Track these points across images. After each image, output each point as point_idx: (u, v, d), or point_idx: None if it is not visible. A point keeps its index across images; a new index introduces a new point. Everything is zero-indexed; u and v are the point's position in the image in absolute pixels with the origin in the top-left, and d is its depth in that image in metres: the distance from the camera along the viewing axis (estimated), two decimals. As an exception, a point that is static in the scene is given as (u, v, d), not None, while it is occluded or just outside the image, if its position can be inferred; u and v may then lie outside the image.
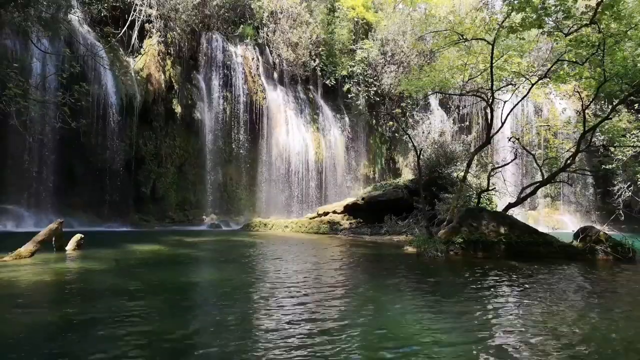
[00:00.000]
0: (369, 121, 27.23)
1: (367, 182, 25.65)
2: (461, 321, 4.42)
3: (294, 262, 8.84)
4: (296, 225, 17.63)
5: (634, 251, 9.59)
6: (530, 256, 9.37)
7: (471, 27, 12.92)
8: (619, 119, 17.42)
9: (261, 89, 23.16)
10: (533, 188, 13.40)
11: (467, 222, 10.48)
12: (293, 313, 4.61)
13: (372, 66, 26.25)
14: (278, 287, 6.10)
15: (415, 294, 5.95)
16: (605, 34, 10.15)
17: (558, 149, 19.93)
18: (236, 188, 22.59)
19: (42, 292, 5.62)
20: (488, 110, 13.16)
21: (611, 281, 7.42)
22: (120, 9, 19.29)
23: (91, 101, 16.74)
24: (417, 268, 8.43)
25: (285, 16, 24.13)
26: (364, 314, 4.71)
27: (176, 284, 6.32)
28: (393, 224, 15.61)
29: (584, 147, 12.81)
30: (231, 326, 4.12)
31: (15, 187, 15.96)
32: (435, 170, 16.64)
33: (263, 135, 23.02)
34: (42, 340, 3.74)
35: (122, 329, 3.96)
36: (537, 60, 19.30)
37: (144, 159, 19.50)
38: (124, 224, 17.83)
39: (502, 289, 6.29)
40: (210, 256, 10.28)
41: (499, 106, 14.41)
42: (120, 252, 9.46)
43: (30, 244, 7.98)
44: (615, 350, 3.73)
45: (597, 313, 4.94)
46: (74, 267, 7.47)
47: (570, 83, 15.73)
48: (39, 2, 13.27)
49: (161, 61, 20.24)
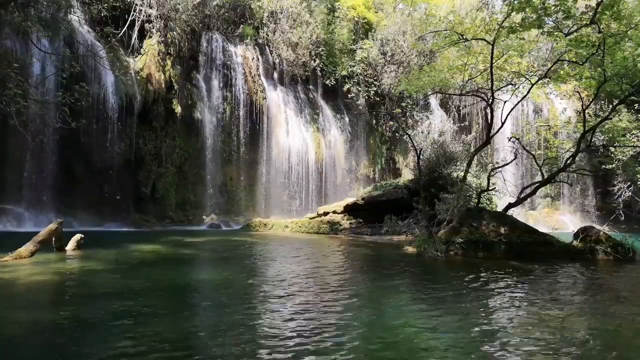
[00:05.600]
0: (369, 121, 27.21)
1: (367, 182, 25.61)
2: (462, 322, 4.42)
3: (294, 263, 8.83)
4: (296, 225, 17.62)
5: (634, 251, 9.60)
6: (531, 256, 9.36)
7: (471, 27, 12.91)
8: (619, 119, 17.43)
9: (261, 89, 23.14)
10: (533, 188, 13.39)
11: (467, 222, 10.48)
12: (293, 313, 4.61)
13: (372, 66, 26.22)
14: (278, 287, 6.10)
15: (416, 294, 5.95)
16: (605, 34, 10.15)
17: (558, 149, 19.94)
18: (236, 188, 22.58)
19: (42, 292, 5.62)
20: (488, 110, 13.16)
21: (612, 281, 7.42)
22: (120, 9, 19.27)
23: (91, 101, 16.70)
24: (417, 268, 8.43)
25: (285, 16, 24.12)
26: (364, 314, 4.71)
27: (176, 284, 6.32)
28: (393, 224, 15.59)
29: (584, 147, 12.80)
30: (232, 326, 4.12)
31: (16, 187, 15.95)
32: (435, 170, 16.60)
33: (263, 135, 22.99)
34: (42, 340, 3.74)
35: (123, 329, 3.96)
36: (537, 60, 19.27)
37: (144, 159, 19.49)
38: (124, 224, 17.80)
39: (503, 289, 6.29)
40: (210, 256, 10.28)
41: (499, 106, 14.39)
42: (120, 252, 9.46)
43: (30, 244, 7.98)
44: (616, 350, 3.73)
45: (598, 313, 4.94)
46: (74, 267, 7.48)
47: (570, 83, 15.74)
48: (39, 2, 13.26)
49: (161, 61, 20.23)
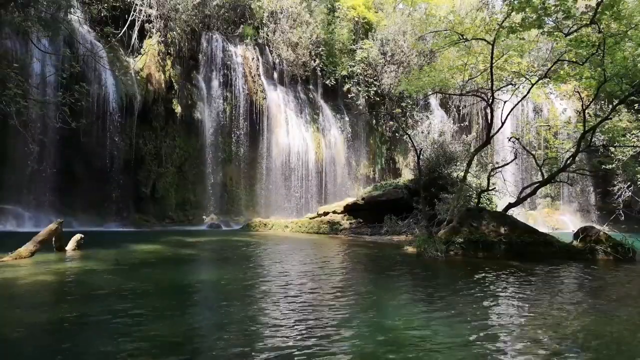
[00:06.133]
0: (369, 121, 27.22)
1: (367, 182, 25.62)
2: (462, 322, 4.42)
3: (294, 263, 8.83)
4: (296, 225, 17.62)
5: (634, 251, 9.60)
6: (531, 256, 9.36)
7: (471, 27, 12.90)
8: (619, 119, 17.42)
9: (261, 89, 23.14)
10: (533, 188, 13.40)
11: (467, 222, 10.48)
12: (293, 313, 4.61)
13: (372, 66, 26.23)
14: (278, 287, 6.10)
15: (416, 294, 5.95)
16: (605, 34, 10.15)
17: (558, 149, 19.94)
18: (236, 188, 22.58)
19: (42, 292, 5.62)
20: (488, 110, 13.16)
21: (612, 281, 7.42)
22: (120, 9, 19.27)
23: (91, 101, 16.73)
24: (417, 268, 8.43)
25: (285, 16, 24.12)
26: (364, 314, 4.71)
27: (176, 284, 6.32)
28: (393, 224, 15.59)
29: (584, 147, 12.80)
30: (232, 326, 4.12)
31: (16, 187, 15.95)
32: (435, 170, 16.60)
33: (263, 135, 22.99)
34: (42, 340, 3.74)
35: (123, 329, 3.96)
36: (537, 60, 19.27)
37: (144, 159, 19.49)
38: (124, 224, 17.80)
39: (503, 289, 6.29)
40: (210, 256, 10.28)
41: (499, 106, 14.40)
42: (121, 252, 9.45)
43: (30, 244, 7.98)
44: (616, 350, 3.73)
45: (598, 313, 4.94)
46: (74, 267, 7.47)
47: (570, 83, 15.74)
48: (39, 2, 13.25)
49: (161, 61, 20.24)
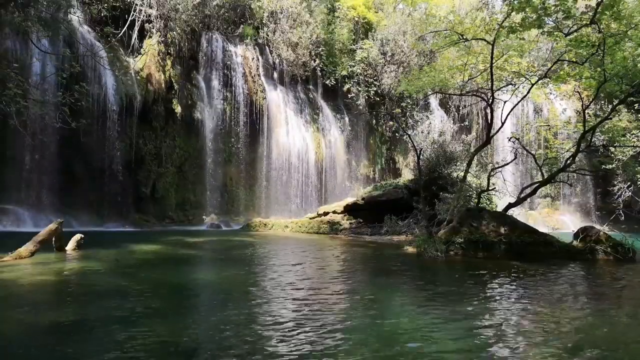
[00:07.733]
0: (369, 121, 27.21)
1: (367, 182, 25.61)
2: (462, 322, 4.42)
3: (294, 263, 8.83)
4: (296, 225, 17.62)
5: (634, 251, 9.60)
6: (531, 256, 9.36)
7: (471, 27, 12.90)
8: (619, 119, 17.43)
9: (261, 89, 23.14)
10: (533, 188, 13.39)
11: (467, 222, 10.47)
12: (293, 313, 4.61)
13: (372, 66, 26.22)
14: (279, 287, 6.10)
15: (416, 294, 5.95)
16: (605, 34, 10.15)
17: (558, 149, 19.94)
18: (236, 188, 22.58)
19: (42, 292, 5.62)
20: (488, 110, 13.15)
21: (612, 281, 7.42)
22: (120, 9, 19.27)
23: (91, 101, 16.72)
24: (417, 268, 8.43)
25: (285, 16, 24.12)
26: (364, 314, 4.71)
27: (176, 284, 6.32)
28: (393, 224, 15.59)
29: (584, 147, 12.80)
30: (232, 326, 4.12)
31: (16, 187, 15.95)
32: (435, 170, 16.60)
33: (263, 135, 22.99)
34: (42, 340, 3.74)
35: (123, 329, 3.96)
36: (537, 60, 19.25)
37: (144, 159, 19.49)
38: (124, 224, 17.80)
39: (503, 290, 6.29)
40: (210, 256, 10.28)
41: (499, 106, 14.40)
42: (120, 252, 9.45)
43: (30, 244, 7.97)
44: (618, 351, 3.73)
45: (599, 313, 4.94)
46: (74, 267, 7.47)
47: (570, 83, 15.74)
48: (39, 2, 13.25)
49: (161, 61, 20.23)
